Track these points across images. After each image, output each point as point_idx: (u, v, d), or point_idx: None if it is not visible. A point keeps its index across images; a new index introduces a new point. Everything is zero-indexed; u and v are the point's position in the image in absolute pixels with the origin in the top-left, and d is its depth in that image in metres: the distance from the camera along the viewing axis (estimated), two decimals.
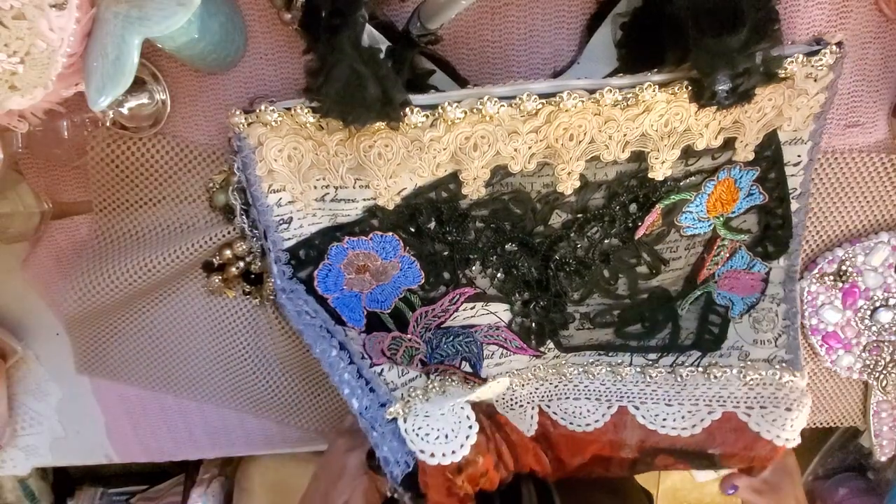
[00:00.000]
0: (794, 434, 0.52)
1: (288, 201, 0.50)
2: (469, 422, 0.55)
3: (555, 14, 0.50)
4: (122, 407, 0.69)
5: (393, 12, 0.49)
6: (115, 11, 0.36)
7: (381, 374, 0.57)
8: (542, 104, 0.43)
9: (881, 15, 0.49)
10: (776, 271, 0.55)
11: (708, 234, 0.54)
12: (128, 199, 0.56)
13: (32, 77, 0.37)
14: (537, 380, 0.61)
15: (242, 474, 0.89)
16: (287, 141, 0.47)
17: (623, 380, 0.59)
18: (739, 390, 0.55)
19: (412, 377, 0.58)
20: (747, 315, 0.57)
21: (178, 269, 0.56)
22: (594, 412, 0.59)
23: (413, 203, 0.50)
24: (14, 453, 0.72)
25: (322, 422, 0.68)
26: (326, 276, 0.54)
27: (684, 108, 0.44)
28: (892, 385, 0.61)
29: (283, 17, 0.47)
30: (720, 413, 0.55)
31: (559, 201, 0.50)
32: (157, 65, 0.51)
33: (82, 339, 0.64)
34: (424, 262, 0.54)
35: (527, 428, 0.60)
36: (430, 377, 0.58)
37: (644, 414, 0.57)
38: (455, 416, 0.55)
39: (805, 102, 0.46)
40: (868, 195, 0.55)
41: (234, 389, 0.66)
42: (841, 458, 0.85)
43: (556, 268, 0.54)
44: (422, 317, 0.57)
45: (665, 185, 0.50)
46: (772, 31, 0.41)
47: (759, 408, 0.54)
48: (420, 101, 0.44)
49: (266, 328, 0.62)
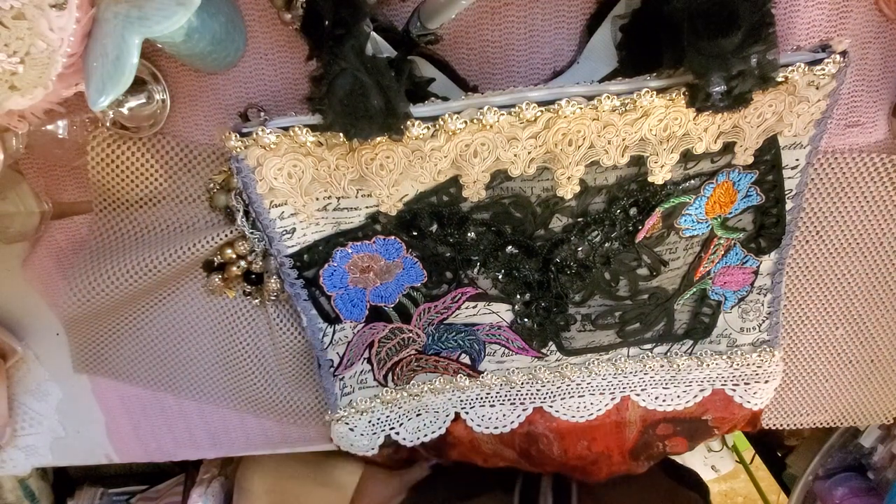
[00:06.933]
0: (767, 399, 0.62)
1: (290, 213, 0.50)
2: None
3: (555, 14, 0.50)
4: (122, 407, 0.69)
5: (393, 12, 0.49)
6: (115, 11, 0.36)
7: (341, 380, 0.60)
8: (541, 111, 0.43)
9: (881, 15, 0.49)
10: (766, 264, 0.56)
11: (705, 235, 0.54)
12: (128, 199, 0.56)
13: (32, 77, 0.37)
14: (538, 381, 0.61)
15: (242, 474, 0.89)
16: (287, 159, 0.46)
17: (623, 371, 0.61)
18: (726, 371, 0.60)
19: (370, 386, 0.62)
20: (737, 307, 0.59)
21: (178, 269, 0.56)
22: (597, 404, 0.62)
23: (414, 208, 0.50)
24: (14, 453, 0.72)
25: (322, 422, 0.68)
26: (332, 275, 0.54)
27: (683, 113, 0.44)
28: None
29: (284, 18, 0.47)
30: (710, 391, 0.61)
31: (559, 205, 0.50)
32: (157, 65, 0.51)
33: (81, 339, 0.64)
34: (427, 262, 0.54)
35: (508, 424, 0.62)
36: (390, 386, 0.62)
37: (644, 398, 0.62)
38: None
39: (806, 109, 0.46)
40: (868, 195, 0.55)
41: (235, 390, 0.66)
42: (841, 458, 0.85)
43: (556, 270, 0.54)
44: (425, 312, 0.57)
45: (665, 188, 0.50)
46: (767, 35, 0.40)
47: (743, 384, 0.61)
48: (421, 112, 0.44)
49: (266, 329, 0.62)
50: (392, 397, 0.62)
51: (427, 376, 0.62)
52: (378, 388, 0.61)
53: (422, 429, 0.63)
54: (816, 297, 0.61)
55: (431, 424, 0.63)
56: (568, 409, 0.62)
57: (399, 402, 0.62)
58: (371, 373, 0.61)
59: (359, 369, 0.60)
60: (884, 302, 0.61)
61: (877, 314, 0.62)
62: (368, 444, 0.63)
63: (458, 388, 0.62)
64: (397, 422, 0.63)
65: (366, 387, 0.61)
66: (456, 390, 0.62)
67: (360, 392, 0.61)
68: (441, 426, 0.63)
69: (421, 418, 0.63)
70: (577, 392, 0.62)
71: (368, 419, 0.62)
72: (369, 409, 0.61)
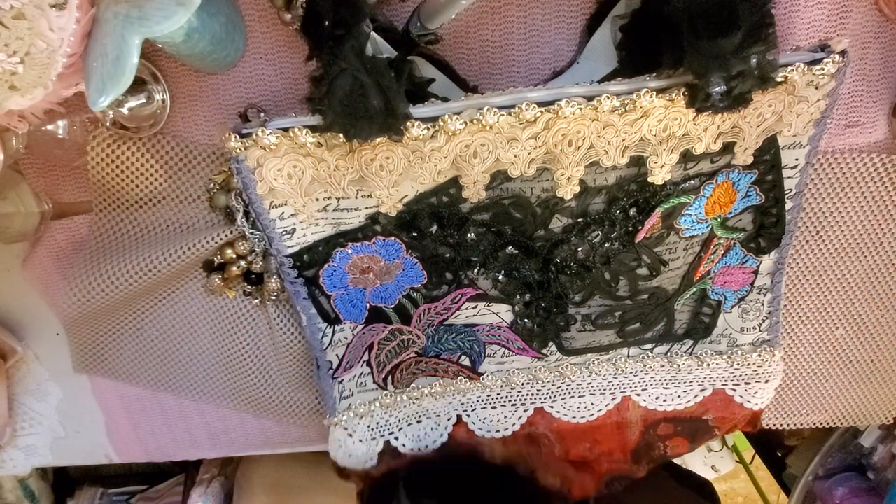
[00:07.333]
0: (767, 399, 0.61)
1: (290, 214, 0.50)
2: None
3: (555, 14, 0.50)
4: (122, 407, 0.69)
5: (393, 12, 0.49)
6: (115, 11, 0.36)
7: (340, 382, 0.60)
8: (541, 112, 0.43)
9: (881, 15, 0.49)
10: (766, 264, 0.56)
11: (705, 235, 0.54)
12: (128, 199, 0.56)
13: (32, 77, 0.37)
14: (538, 381, 0.61)
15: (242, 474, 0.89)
16: (286, 160, 0.46)
17: (623, 372, 0.61)
18: (727, 371, 0.60)
19: (370, 388, 0.61)
20: (737, 307, 0.59)
21: (178, 269, 0.56)
22: (598, 404, 0.62)
23: (414, 209, 0.50)
24: (14, 453, 0.72)
25: (322, 422, 0.67)
26: (332, 275, 0.54)
27: (682, 113, 0.44)
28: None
29: (284, 18, 0.47)
30: (711, 391, 0.61)
31: (559, 206, 0.50)
32: (157, 65, 0.51)
33: (81, 339, 0.64)
34: (427, 263, 0.54)
35: (510, 426, 0.62)
36: (389, 389, 0.61)
37: (645, 399, 0.62)
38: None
39: (805, 109, 0.46)
40: (868, 195, 0.55)
41: (234, 389, 0.66)
42: (841, 458, 0.85)
43: (556, 270, 0.54)
44: (425, 313, 0.57)
45: (665, 188, 0.50)
46: (767, 35, 0.41)
47: (743, 384, 0.61)
48: (421, 113, 0.44)
49: (266, 329, 0.62)
50: (392, 401, 0.61)
51: (427, 380, 0.61)
52: (378, 391, 0.61)
53: (423, 437, 0.62)
54: (816, 297, 0.61)
55: (433, 432, 0.62)
56: (569, 410, 0.62)
57: (399, 405, 0.62)
58: (370, 375, 0.61)
59: (358, 372, 0.60)
60: (884, 302, 0.61)
61: (877, 314, 0.62)
62: (367, 453, 0.62)
63: (459, 390, 0.61)
64: (397, 426, 0.62)
65: (365, 390, 0.61)
66: (457, 393, 0.62)
67: (359, 395, 0.61)
68: (443, 433, 0.62)
69: (422, 425, 0.62)
70: (578, 392, 0.62)
71: (367, 423, 0.61)
72: (368, 412, 0.61)
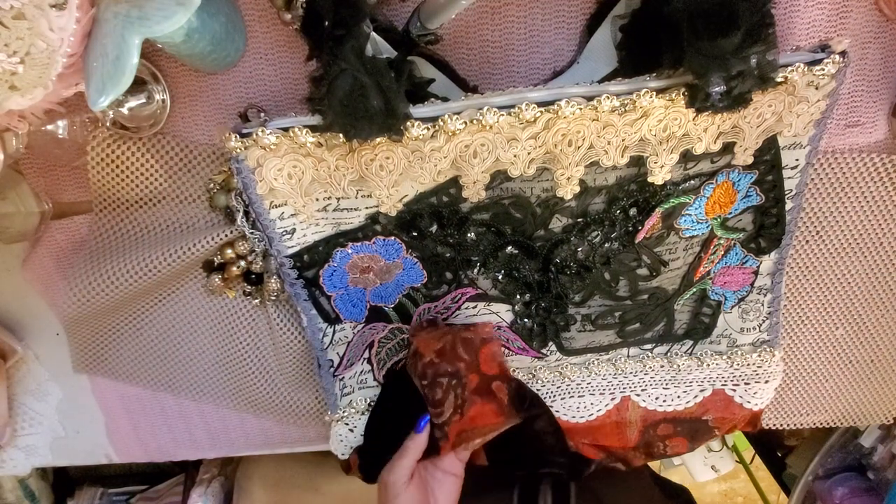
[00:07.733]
0: (767, 399, 0.62)
1: (290, 214, 0.50)
2: None
3: (555, 14, 0.50)
4: (122, 407, 0.69)
5: (393, 12, 0.49)
6: (115, 11, 0.36)
7: (341, 380, 0.60)
8: (541, 112, 0.43)
9: (881, 15, 0.49)
10: (766, 264, 0.56)
11: (705, 235, 0.54)
12: (128, 199, 0.56)
13: (32, 77, 0.37)
14: (538, 381, 0.61)
15: (242, 474, 0.89)
16: (286, 160, 0.46)
17: (623, 372, 0.61)
18: (727, 371, 0.61)
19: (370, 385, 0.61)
20: (737, 307, 0.59)
21: (178, 269, 0.56)
22: (597, 404, 0.62)
23: (414, 208, 0.50)
24: (14, 453, 0.73)
25: (322, 422, 0.68)
26: (332, 275, 0.54)
27: (682, 114, 0.44)
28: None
29: (284, 18, 0.47)
30: (711, 391, 0.62)
31: (559, 206, 0.50)
32: (157, 65, 0.51)
33: (81, 339, 0.64)
34: (427, 263, 0.54)
35: None
36: None
37: (644, 399, 0.62)
38: None
39: (806, 109, 0.46)
40: (868, 195, 0.55)
41: (234, 389, 0.66)
42: (841, 458, 0.85)
43: (556, 270, 0.54)
44: (425, 312, 0.57)
45: (665, 189, 0.50)
46: (767, 35, 0.40)
47: (743, 384, 0.61)
48: (420, 113, 0.44)
49: (266, 329, 0.62)
50: None
51: None
52: (378, 388, 0.61)
53: None
54: (816, 297, 0.61)
55: None
56: (568, 410, 0.62)
57: None
58: (371, 373, 0.61)
59: (359, 369, 0.60)
60: (884, 302, 0.61)
61: (877, 314, 0.62)
62: None
63: None
64: None
65: (366, 387, 0.61)
66: None
67: (360, 392, 0.61)
68: None
69: None
70: (578, 392, 0.62)
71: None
72: (369, 409, 0.61)
